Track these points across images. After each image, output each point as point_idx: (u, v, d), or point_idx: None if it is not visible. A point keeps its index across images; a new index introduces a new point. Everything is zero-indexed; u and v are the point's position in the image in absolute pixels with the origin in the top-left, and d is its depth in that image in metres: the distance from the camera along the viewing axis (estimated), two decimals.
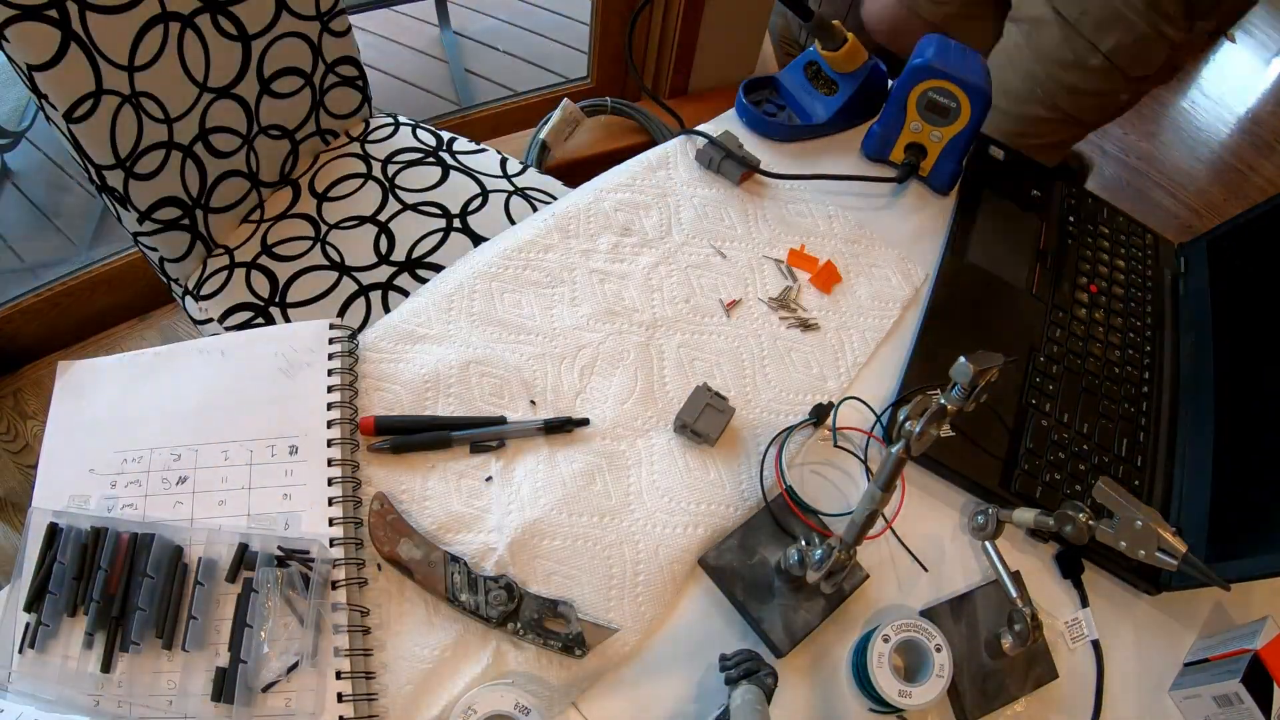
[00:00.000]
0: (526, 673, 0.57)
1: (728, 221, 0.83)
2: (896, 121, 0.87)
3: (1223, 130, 2.57)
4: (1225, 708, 0.59)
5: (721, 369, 0.73)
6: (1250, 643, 0.60)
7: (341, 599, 0.56)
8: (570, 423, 0.66)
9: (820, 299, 0.79)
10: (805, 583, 0.60)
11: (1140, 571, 0.67)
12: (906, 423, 0.49)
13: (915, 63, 0.82)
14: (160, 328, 1.58)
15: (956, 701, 0.60)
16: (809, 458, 0.69)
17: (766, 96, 0.94)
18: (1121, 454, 0.74)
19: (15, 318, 1.43)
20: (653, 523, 0.64)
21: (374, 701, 0.54)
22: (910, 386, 0.73)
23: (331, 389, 0.64)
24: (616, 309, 0.75)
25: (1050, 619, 0.65)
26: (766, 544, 0.63)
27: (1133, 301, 0.86)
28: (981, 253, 0.84)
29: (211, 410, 0.63)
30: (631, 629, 0.59)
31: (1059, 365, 0.78)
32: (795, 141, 0.92)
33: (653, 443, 0.68)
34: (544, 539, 0.61)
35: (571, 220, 0.80)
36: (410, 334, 0.70)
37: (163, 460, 0.60)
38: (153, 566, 0.55)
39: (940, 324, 0.78)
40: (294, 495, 0.59)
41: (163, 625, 0.53)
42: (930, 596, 0.65)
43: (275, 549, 0.56)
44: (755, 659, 0.54)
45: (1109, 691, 0.63)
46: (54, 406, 0.64)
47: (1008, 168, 0.94)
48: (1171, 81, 1.93)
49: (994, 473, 0.69)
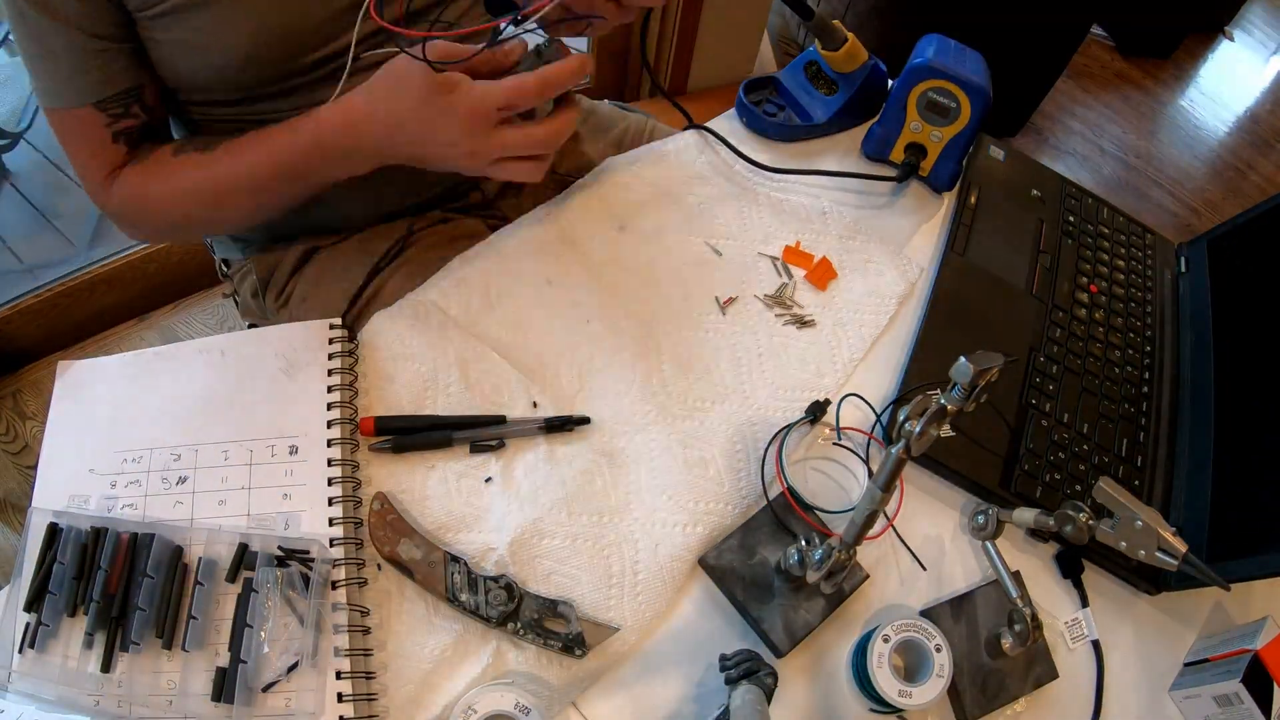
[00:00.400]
0: (526, 673, 0.57)
1: (723, 219, 0.83)
2: (896, 121, 0.87)
3: (1221, 129, 2.57)
4: (1225, 708, 0.59)
5: (718, 366, 0.73)
6: (1250, 643, 0.60)
7: (341, 599, 0.56)
8: (571, 421, 0.66)
9: (816, 295, 0.79)
10: (805, 583, 0.60)
11: (1140, 571, 0.67)
12: (906, 423, 0.49)
13: (915, 62, 0.82)
14: (160, 328, 1.58)
15: (956, 701, 0.60)
16: (808, 454, 0.69)
17: (766, 96, 0.94)
18: (1121, 454, 0.74)
19: (14, 318, 1.44)
20: (652, 522, 0.64)
21: (374, 701, 0.54)
22: (910, 386, 0.73)
23: (331, 389, 0.64)
24: (613, 307, 0.75)
25: (1050, 619, 0.65)
26: (766, 544, 0.63)
27: (1133, 301, 0.87)
28: (981, 252, 0.84)
29: (211, 410, 0.63)
30: (631, 629, 0.59)
31: (1059, 365, 0.78)
32: (795, 141, 0.92)
33: (651, 440, 0.68)
34: (544, 538, 0.61)
35: (568, 218, 0.80)
36: (409, 333, 0.70)
37: (163, 460, 0.60)
38: (153, 566, 0.55)
39: (940, 324, 0.78)
40: (294, 495, 0.59)
41: (163, 625, 0.53)
42: (930, 596, 0.65)
43: (275, 549, 0.56)
44: (755, 659, 0.54)
45: (1109, 691, 0.63)
46: (54, 406, 0.64)
47: (1008, 167, 0.94)
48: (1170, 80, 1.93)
49: (994, 473, 0.70)
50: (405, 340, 0.69)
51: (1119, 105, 2.54)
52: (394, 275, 0.80)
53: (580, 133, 0.95)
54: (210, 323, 1.60)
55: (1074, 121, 2.45)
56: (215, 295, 1.61)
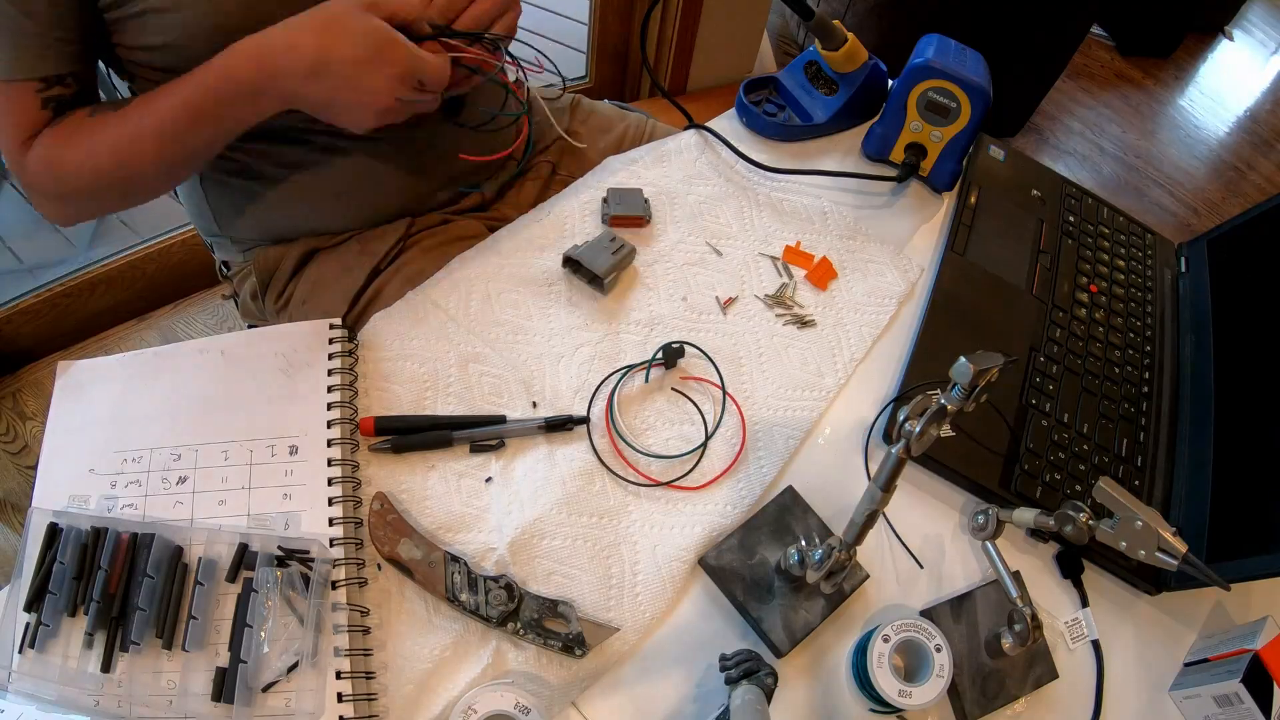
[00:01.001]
0: (526, 673, 0.57)
1: (723, 219, 0.83)
2: (897, 121, 0.87)
3: (1221, 128, 2.57)
4: (1225, 708, 0.59)
5: (719, 366, 0.73)
6: (1250, 643, 0.60)
7: (341, 599, 0.56)
8: (570, 421, 0.66)
9: (816, 295, 0.79)
10: (805, 583, 0.60)
11: (1140, 571, 0.67)
12: (906, 423, 0.49)
13: (915, 62, 0.82)
14: (160, 328, 1.58)
15: (956, 701, 0.60)
16: (809, 455, 0.69)
17: (767, 96, 0.94)
18: (1121, 454, 0.74)
19: (14, 319, 1.43)
20: (651, 522, 0.64)
21: (374, 701, 0.54)
22: (910, 386, 0.73)
23: (331, 389, 0.64)
24: (614, 307, 0.75)
25: (1050, 619, 0.65)
26: (766, 544, 0.63)
27: (1133, 301, 0.87)
28: (981, 252, 0.84)
29: (212, 410, 0.63)
30: (631, 628, 0.59)
31: (1059, 365, 0.78)
32: (795, 141, 0.92)
33: (651, 442, 0.68)
34: (544, 539, 0.61)
35: (567, 219, 0.80)
36: (409, 333, 0.70)
37: (163, 460, 0.60)
38: (153, 566, 0.55)
39: (940, 324, 0.78)
40: (294, 495, 0.59)
41: (163, 625, 0.53)
42: (930, 596, 0.65)
43: (275, 549, 0.56)
44: (755, 659, 0.54)
45: (1109, 691, 0.63)
46: (54, 406, 0.64)
47: (1008, 167, 0.94)
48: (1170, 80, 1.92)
49: (994, 473, 0.70)
50: (405, 340, 0.69)
51: (1119, 105, 2.54)
52: (394, 276, 0.80)
53: (580, 132, 0.95)
54: (210, 323, 1.60)
55: (1074, 121, 2.45)
56: (215, 295, 1.61)
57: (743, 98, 0.92)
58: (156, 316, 1.60)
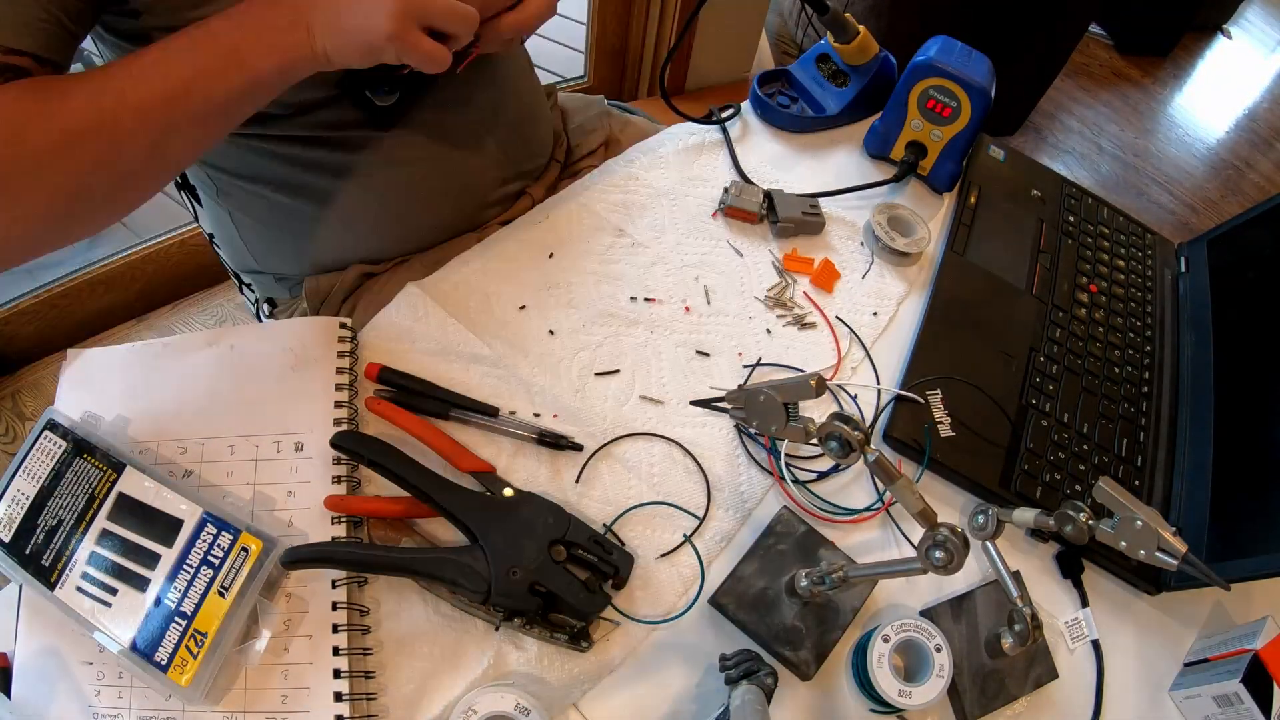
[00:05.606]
0: (527, 673, 0.57)
1: (722, 219, 0.83)
2: (897, 119, 0.87)
3: (1219, 127, 2.57)
4: (1225, 708, 0.59)
5: (719, 368, 0.73)
6: (1250, 643, 0.60)
7: (341, 598, 0.56)
8: (563, 442, 0.66)
9: (816, 296, 0.79)
10: (817, 602, 0.60)
11: (1140, 571, 0.67)
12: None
13: (917, 60, 0.83)
14: (159, 328, 1.58)
15: (956, 701, 0.60)
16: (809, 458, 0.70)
17: (779, 89, 0.96)
18: (1121, 454, 0.74)
19: (14, 319, 1.43)
20: (651, 526, 0.64)
21: (373, 701, 0.54)
22: (910, 385, 0.73)
23: (339, 387, 0.63)
24: (613, 310, 0.75)
25: (1050, 619, 0.65)
26: (770, 572, 0.62)
27: (1133, 301, 0.87)
28: (981, 252, 0.84)
29: (219, 404, 0.62)
30: (632, 629, 0.59)
31: (1059, 365, 0.78)
32: (807, 133, 0.93)
33: (652, 445, 0.68)
34: None
35: (566, 221, 0.80)
36: (410, 332, 0.70)
37: (169, 453, 0.60)
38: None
39: (940, 323, 0.78)
40: (298, 492, 0.59)
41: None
42: (930, 596, 0.65)
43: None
44: (755, 659, 0.54)
45: (1109, 691, 0.63)
46: (60, 396, 0.63)
47: (1007, 167, 0.94)
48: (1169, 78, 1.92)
49: (994, 473, 0.70)
50: (406, 339, 0.69)
51: (1117, 104, 2.54)
52: (395, 277, 0.80)
53: (620, 140, 0.95)
54: (209, 323, 1.60)
55: (1072, 120, 2.45)
56: (215, 296, 1.61)
57: (757, 90, 0.92)
58: (155, 317, 1.59)
